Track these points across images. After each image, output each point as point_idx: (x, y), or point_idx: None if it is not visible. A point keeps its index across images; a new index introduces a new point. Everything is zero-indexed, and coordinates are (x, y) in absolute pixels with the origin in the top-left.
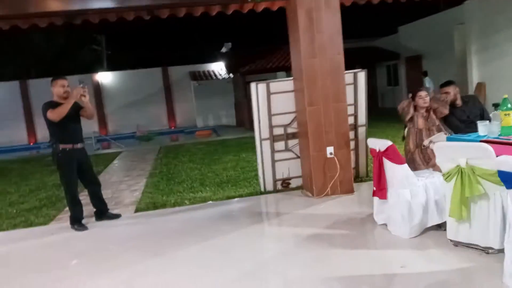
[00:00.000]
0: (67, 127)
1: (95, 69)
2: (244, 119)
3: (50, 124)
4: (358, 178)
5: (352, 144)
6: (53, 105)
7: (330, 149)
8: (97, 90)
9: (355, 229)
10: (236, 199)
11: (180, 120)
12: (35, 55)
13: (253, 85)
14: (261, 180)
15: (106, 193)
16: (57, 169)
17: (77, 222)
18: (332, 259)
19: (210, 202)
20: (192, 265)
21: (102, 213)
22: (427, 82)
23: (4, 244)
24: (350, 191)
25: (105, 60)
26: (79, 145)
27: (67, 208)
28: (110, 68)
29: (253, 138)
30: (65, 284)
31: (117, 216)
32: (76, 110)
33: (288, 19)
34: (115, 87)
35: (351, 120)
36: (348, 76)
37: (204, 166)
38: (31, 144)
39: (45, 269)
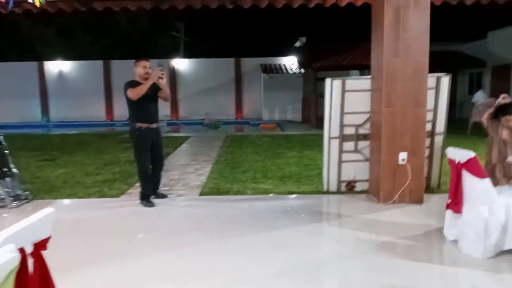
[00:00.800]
0: (144, 107)
1: (172, 55)
2: (311, 115)
3: (129, 102)
4: (428, 189)
5: (426, 152)
6: (133, 84)
7: (403, 155)
8: (172, 76)
9: (421, 241)
10: (297, 195)
11: (246, 111)
12: (119, 38)
13: (328, 81)
14: (324, 180)
15: (173, 174)
16: (132, 146)
17: (146, 198)
18: (392, 268)
19: (272, 194)
20: (247, 253)
21: (154, 191)
22: (479, 95)
23: (80, 211)
24: (420, 201)
25: (183, 47)
26: (154, 125)
27: (137, 184)
28: (186, 55)
29: (318, 136)
30: (130, 254)
31: (164, 196)
32: (154, 91)
33: (373, 15)
34: (189, 74)
35: (428, 126)
36: (431, 80)
37: (267, 158)
38: (108, 121)
39: (113, 238)
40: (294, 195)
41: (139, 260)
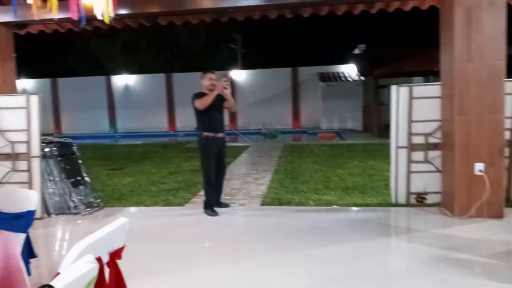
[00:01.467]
0: (211, 117)
1: (230, 67)
2: (372, 124)
3: (196, 112)
4: (509, 202)
5: (505, 162)
6: (200, 95)
7: (479, 166)
8: (230, 87)
9: (503, 259)
10: (363, 207)
11: (304, 120)
12: (179, 51)
13: (393, 88)
14: (392, 191)
15: (234, 184)
16: (199, 155)
17: (210, 207)
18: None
19: (335, 206)
20: (312, 267)
21: (216, 199)
22: None
23: (147, 218)
24: (499, 215)
25: (240, 58)
26: (220, 134)
27: (200, 193)
28: (244, 66)
29: (381, 145)
30: (194, 263)
31: (227, 205)
32: (220, 101)
33: (441, 18)
34: (246, 85)
35: (507, 135)
36: (509, 85)
37: (328, 168)
38: (171, 131)
39: (178, 246)
40: (359, 208)
41: (203, 270)
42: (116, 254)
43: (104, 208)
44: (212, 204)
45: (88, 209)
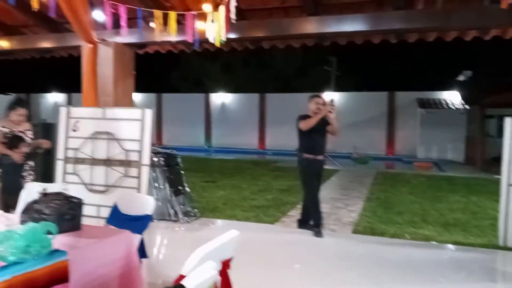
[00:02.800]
0: (312, 139)
1: (323, 89)
2: (476, 157)
3: (299, 133)
4: None
5: None
6: (305, 117)
7: None
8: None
9: None
10: (465, 247)
11: (399, 147)
12: (273, 72)
13: (508, 120)
14: (500, 233)
15: (324, 207)
16: (300, 175)
17: (317, 227)
18: None
19: (434, 242)
20: None
21: (306, 222)
22: None
23: (239, 232)
24: None
25: (334, 80)
26: (320, 157)
27: (290, 213)
28: (337, 88)
29: (486, 180)
30: (283, 282)
31: (318, 233)
32: (324, 125)
33: None
34: (339, 107)
35: None
36: None
37: (425, 201)
38: (260, 149)
39: (268, 264)
40: (460, 246)
41: None
42: (226, 264)
43: (200, 218)
44: (318, 224)
45: (186, 218)
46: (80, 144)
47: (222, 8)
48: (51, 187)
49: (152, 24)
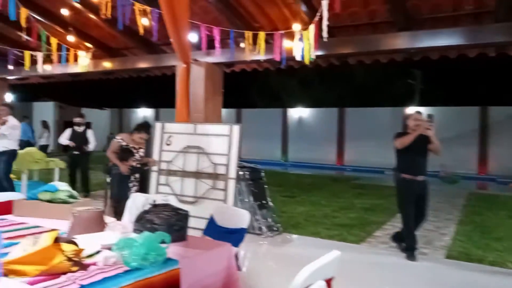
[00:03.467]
0: (411, 158)
1: (406, 103)
2: None
3: (396, 151)
4: None
5: None
6: (401, 134)
7: None
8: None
9: None
10: None
11: (492, 166)
12: (353, 86)
13: None
14: None
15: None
16: (396, 196)
17: (410, 250)
18: None
19: None
20: None
21: (401, 240)
22: None
23: (324, 250)
24: None
25: (418, 94)
26: (419, 178)
27: (376, 233)
28: (422, 103)
29: None
30: None
31: (411, 256)
32: (424, 143)
33: None
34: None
35: None
36: None
37: None
38: (338, 165)
39: (357, 285)
40: None
41: None
42: (329, 284)
43: (282, 233)
44: (413, 247)
45: (269, 232)
46: (173, 157)
47: (312, 27)
48: (152, 199)
49: (242, 44)
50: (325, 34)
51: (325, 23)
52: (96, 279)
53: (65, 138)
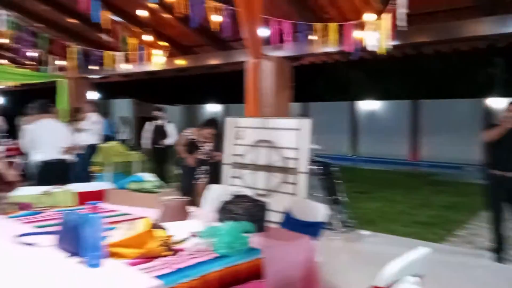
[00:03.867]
0: (501, 153)
1: (487, 94)
2: None
3: (485, 145)
4: None
5: None
6: (491, 126)
7: None
8: (487, 115)
9: None
10: None
11: None
12: (427, 77)
13: None
14: None
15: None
16: (484, 193)
17: (498, 252)
18: None
19: None
20: None
21: (502, 251)
22: None
23: (402, 248)
24: None
25: (501, 85)
26: (510, 174)
27: (459, 232)
28: (505, 93)
29: None
30: None
31: (499, 258)
32: None
33: None
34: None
35: None
36: None
37: None
38: (411, 160)
39: (444, 286)
40: None
41: None
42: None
43: (355, 230)
44: (498, 250)
45: (342, 228)
46: (244, 151)
47: (387, 16)
48: (229, 190)
49: (311, 37)
50: (402, 22)
51: (402, 11)
52: (190, 263)
53: (146, 133)
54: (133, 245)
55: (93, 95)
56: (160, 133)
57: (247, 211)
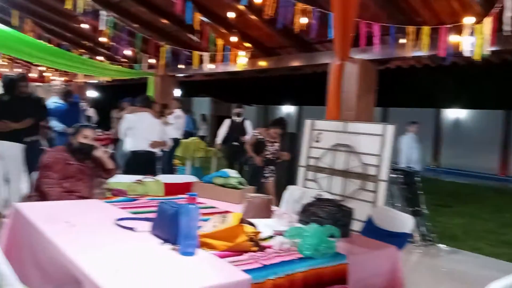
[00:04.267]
0: None
1: None
2: None
3: None
4: None
5: None
6: None
7: None
8: None
9: None
10: None
11: None
12: None
13: None
14: None
15: None
16: None
17: None
18: None
19: None
20: None
21: None
22: None
23: (487, 269)
24: None
25: None
26: None
27: None
28: None
29: None
30: None
31: None
32: None
33: None
34: None
35: None
36: None
37: None
38: (502, 175)
39: None
40: None
41: None
42: None
43: (436, 244)
44: None
45: (423, 241)
46: (321, 154)
47: (488, 20)
48: (307, 192)
49: (401, 40)
50: (508, 27)
51: (508, 14)
52: (275, 261)
53: (224, 130)
54: (223, 237)
55: (177, 92)
56: (237, 130)
57: (332, 215)
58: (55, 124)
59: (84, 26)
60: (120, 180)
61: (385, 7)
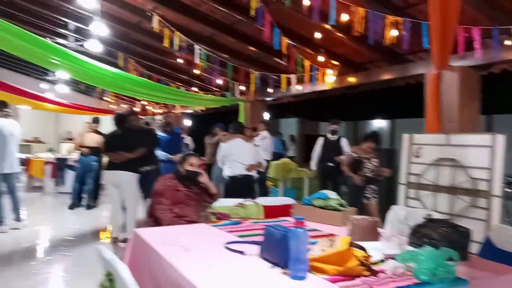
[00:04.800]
0: None
1: None
2: None
3: None
4: None
5: None
6: None
7: None
8: None
9: None
10: None
11: None
12: None
13: None
14: None
15: None
16: None
17: None
18: None
19: None
20: None
21: None
22: None
23: None
24: None
25: None
26: None
27: None
28: None
29: None
30: None
31: None
32: None
33: None
34: None
35: None
36: None
37: None
38: None
39: None
40: None
41: None
42: None
43: None
44: None
45: None
46: (423, 170)
47: None
48: (414, 212)
49: (507, 42)
50: None
51: None
52: (390, 286)
53: (318, 150)
54: (334, 261)
55: (266, 115)
56: (333, 149)
57: (447, 237)
58: (160, 154)
59: (180, 60)
60: (223, 204)
61: (484, 10)
